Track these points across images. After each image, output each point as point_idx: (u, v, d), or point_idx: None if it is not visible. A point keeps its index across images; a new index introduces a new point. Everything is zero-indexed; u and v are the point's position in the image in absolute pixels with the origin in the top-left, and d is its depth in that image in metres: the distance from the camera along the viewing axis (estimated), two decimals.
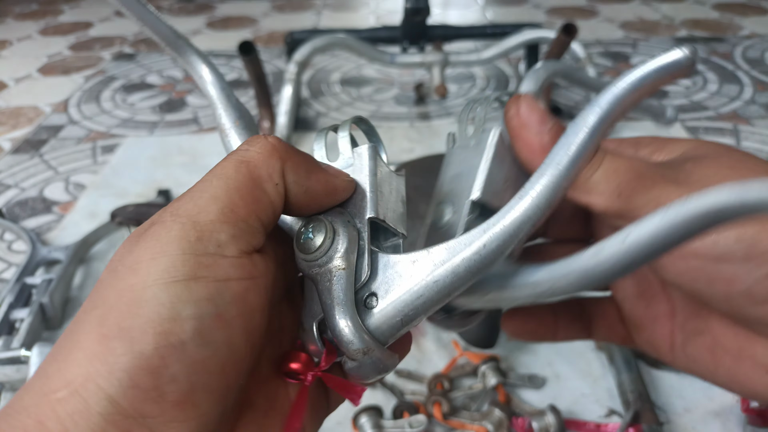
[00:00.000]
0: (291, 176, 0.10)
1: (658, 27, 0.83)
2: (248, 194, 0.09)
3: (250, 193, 0.09)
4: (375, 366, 0.10)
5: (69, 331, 0.09)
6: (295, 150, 0.11)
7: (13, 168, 0.53)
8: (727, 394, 0.29)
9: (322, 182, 0.11)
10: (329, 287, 0.10)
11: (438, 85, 0.54)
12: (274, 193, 0.10)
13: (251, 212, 0.09)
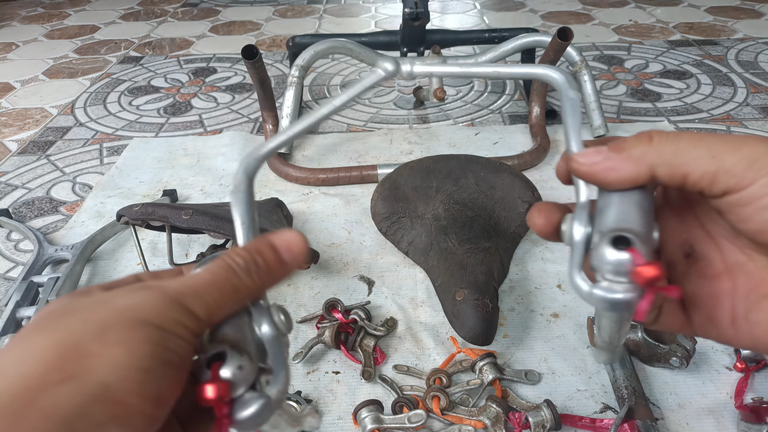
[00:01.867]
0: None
1: (653, 30, 0.84)
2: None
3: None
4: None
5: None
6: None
7: (20, 169, 0.54)
8: (720, 391, 0.29)
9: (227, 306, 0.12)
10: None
11: (436, 88, 0.55)
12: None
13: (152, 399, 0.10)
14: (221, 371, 0.11)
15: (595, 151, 0.13)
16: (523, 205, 0.39)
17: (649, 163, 0.12)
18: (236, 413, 0.11)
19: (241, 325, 0.13)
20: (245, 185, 0.14)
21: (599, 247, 0.12)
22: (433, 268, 0.36)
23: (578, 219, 0.13)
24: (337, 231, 0.43)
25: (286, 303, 0.36)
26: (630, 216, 0.12)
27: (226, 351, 0.12)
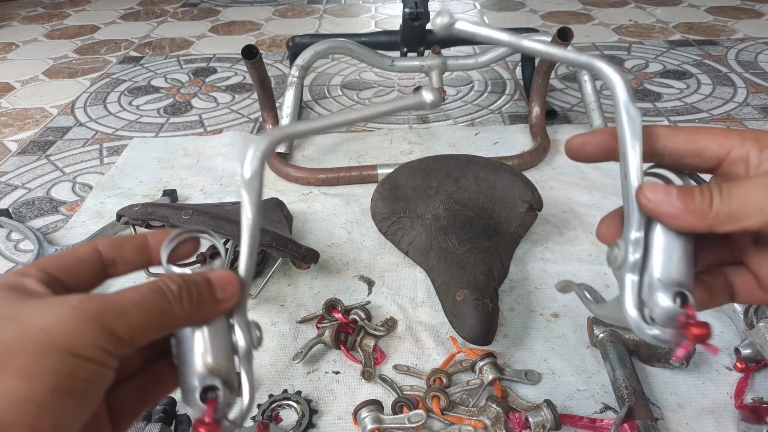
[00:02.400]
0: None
1: (653, 30, 0.84)
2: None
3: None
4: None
5: None
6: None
7: (20, 169, 0.54)
8: (720, 391, 0.29)
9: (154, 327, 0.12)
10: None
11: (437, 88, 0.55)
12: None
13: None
14: (216, 410, 0.12)
15: (665, 192, 0.14)
16: (523, 205, 0.39)
17: (709, 223, 0.14)
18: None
19: (230, 355, 0.13)
20: (259, 181, 0.13)
21: (659, 295, 0.13)
22: (433, 268, 0.36)
23: (633, 265, 0.14)
24: (337, 231, 0.43)
25: (287, 303, 0.36)
26: (684, 268, 0.14)
27: (219, 388, 0.12)
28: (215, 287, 0.13)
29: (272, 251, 0.33)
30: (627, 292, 0.14)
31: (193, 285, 0.13)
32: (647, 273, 0.14)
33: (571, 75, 0.70)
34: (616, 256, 0.14)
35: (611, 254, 0.15)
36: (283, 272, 0.39)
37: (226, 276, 0.13)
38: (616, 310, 0.14)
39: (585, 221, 0.43)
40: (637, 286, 0.14)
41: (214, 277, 0.13)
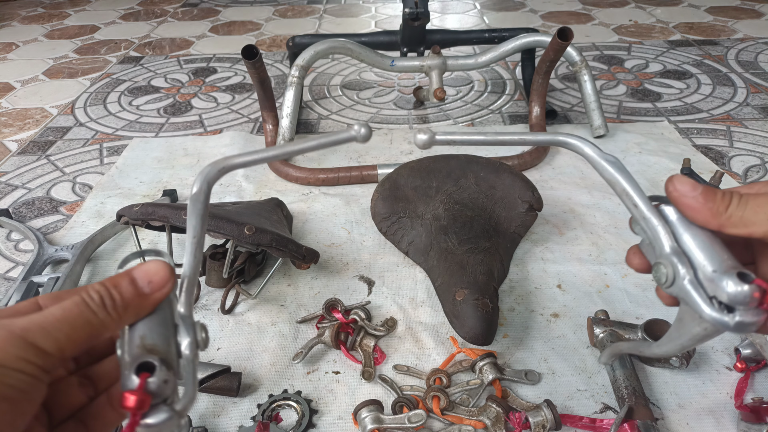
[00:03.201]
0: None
1: (653, 30, 0.84)
2: None
3: None
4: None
5: None
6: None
7: (20, 169, 0.54)
8: (720, 391, 0.29)
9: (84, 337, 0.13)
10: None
11: (436, 88, 0.55)
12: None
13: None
14: (149, 383, 0.12)
15: (691, 186, 0.16)
16: (523, 205, 0.39)
17: (720, 223, 0.16)
18: (144, 418, 0.12)
19: (169, 339, 0.13)
20: (203, 195, 0.15)
21: (724, 283, 0.14)
22: (433, 268, 0.36)
23: (686, 273, 0.15)
24: (337, 231, 0.43)
25: (287, 303, 0.36)
26: (728, 254, 0.15)
27: (156, 364, 0.12)
28: (140, 284, 0.14)
29: (272, 251, 0.33)
30: (696, 298, 0.14)
31: (114, 289, 0.13)
32: (700, 273, 0.15)
33: (571, 75, 0.70)
34: (665, 275, 0.16)
35: (658, 276, 0.16)
36: (283, 272, 0.39)
37: (151, 268, 0.14)
38: (684, 328, 0.15)
39: (585, 221, 0.43)
40: (701, 289, 0.14)
41: (138, 272, 0.14)
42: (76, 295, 0.13)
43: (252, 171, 0.51)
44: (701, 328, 0.15)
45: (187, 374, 0.13)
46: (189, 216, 0.15)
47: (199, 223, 0.15)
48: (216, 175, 0.15)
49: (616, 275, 0.37)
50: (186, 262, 0.15)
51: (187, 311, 0.14)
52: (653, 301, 0.35)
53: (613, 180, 0.16)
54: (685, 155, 0.52)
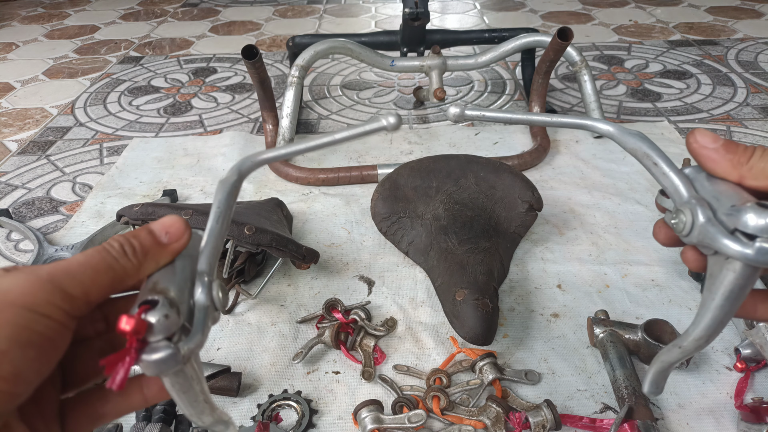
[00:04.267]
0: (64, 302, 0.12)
1: (653, 30, 0.84)
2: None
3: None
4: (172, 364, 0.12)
5: None
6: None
7: (20, 169, 0.54)
8: (720, 391, 0.29)
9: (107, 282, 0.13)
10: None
11: (436, 88, 0.55)
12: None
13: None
14: (148, 314, 0.12)
15: (712, 138, 0.16)
16: (523, 205, 0.39)
17: (740, 174, 0.15)
18: (144, 354, 0.12)
19: (183, 287, 0.14)
20: (234, 179, 0.15)
21: (745, 216, 0.13)
22: (433, 268, 0.36)
23: (701, 206, 0.15)
24: (337, 231, 0.43)
25: (287, 303, 0.36)
26: (743, 192, 0.15)
27: (159, 300, 0.13)
28: (157, 234, 0.14)
29: (272, 251, 0.33)
30: (716, 234, 0.14)
31: (133, 238, 0.14)
32: (719, 212, 0.14)
33: (571, 75, 0.70)
34: (684, 222, 0.15)
35: (678, 224, 0.15)
36: (283, 272, 0.39)
37: (167, 221, 0.14)
38: (716, 282, 0.14)
39: (585, 221, 0.43)
40: (720, 225, 0.14)
41: (155, 225, 0.14)
42: (98, 246, 0.14)
43: None
44: (731, 270, 0.13)
45: (197, 321, 0.13)
46: (216, 194, 0.15)
47: (225, 202, 0.15)
48: (250, 168, 0.15)
49: (616, 275, 0.37)
50: (208, 226, 0.15)
51: (207, 269, 0.14)
52: (653, 301, 0.35)
53: (635, 147, 0.16)
54: (685, 155, 0.52)
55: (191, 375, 0.13)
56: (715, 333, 0.15)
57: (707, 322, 0.15)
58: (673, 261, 0.38)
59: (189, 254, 0.14)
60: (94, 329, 0.15)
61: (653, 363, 0.17)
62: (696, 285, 0.36)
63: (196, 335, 0.13)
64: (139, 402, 0.15)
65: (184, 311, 0.13)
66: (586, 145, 0.54)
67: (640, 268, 0.38)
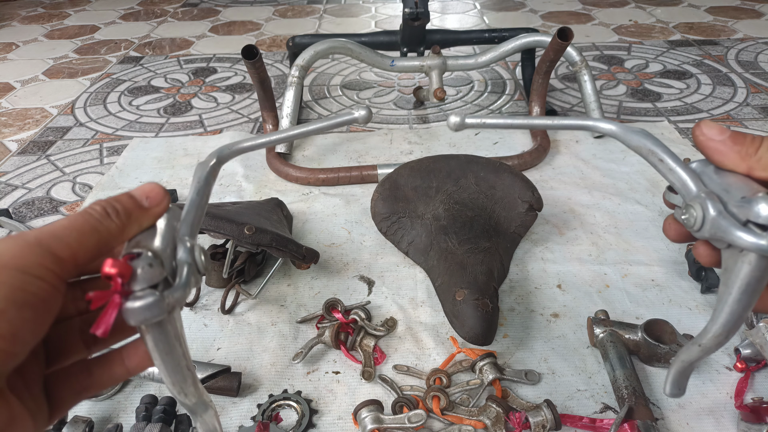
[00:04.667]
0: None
1: (653, 30, 0.84)
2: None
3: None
4: (156, 310, 0.12)
5: None
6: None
7: (20, 169, 0.54)
8: (720, 391, 0.29)
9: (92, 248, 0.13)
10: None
11: (436, 88, 0.55)
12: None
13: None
14: (132, 262, 0.13)
15: (719, 130, 0.15)
16: (523, 205, 0.39)
17: (749, 165, 0.15)
18: (129, 301, 0.12)
19: (165, 247, 0.14)
20: (213, 162, 0.16)
21: (757, 206, 0.13)
22: (433, 268, 0.36)
23: (711, 200, 0.14)
24: (337, 231, 0.43)
25: (287, 303, 0.36)
26: (753, 183, 0.14)
27: (143, 252, 0.13)
28: (138, 198, 0.15)
29: (272, 251, 0.33)
30: (729, 227, 0.13)
31: (115, 202, 0.14)
32: (730, 205, 0.14)
33: (571, 75, 0.70)
34: (694, 216, 0.15)
35: (689, 219, 0.15)
36: (283, 272, 0.39)
37: (146, 187, 0.15)
38: (732, 276, 0.13)
39: (585, 221, 0.43)
40: (732, 218, 0.14)
41: (135, 191, 0.15)
42: (81, 210, 0.14)
43: (252, 171, 0.51)
44: (746, 262, 0.13)
45: (180, 276, 0.13)
46: (195, 172, 0.16)
47: (204, 179, 0.16)
48: (228, 155, 0.16)
49: (616, 275, 0.37)
50: (188, 198, 0.15)
51: (189, 233, 0.15)
52: (653, 301, 0.35)
53: (640, 145, 0.16)
54: (685, 155, 0.52)
55: (173, 333, 0.13)
56: (735, 328, 0.14)
57: (725, 317, 0.14)
58: (673, 261, 0.38)
59: (170, 223, 0.15)
60: (75, 308, 0.15)
61: (673, 363, 0.16)
62: (696, 285, 0.36)
63: (179, 288, 0.13)
64: (121, 373, 0.15)
65: (167, 266, 0.13)
66: (586, 145, 0.54)
67: (640, 268, 0.38)
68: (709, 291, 0.35)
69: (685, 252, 0.38)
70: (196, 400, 0.15)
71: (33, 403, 0.13)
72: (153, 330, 0.13)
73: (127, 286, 0.12)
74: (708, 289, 0.35)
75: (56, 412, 0.14)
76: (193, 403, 0.15)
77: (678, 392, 0.16)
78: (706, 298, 0.35)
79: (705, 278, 0.35)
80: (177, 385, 0.14)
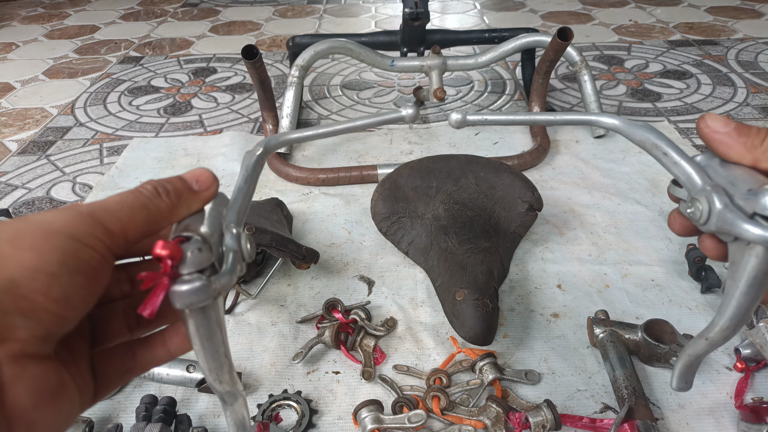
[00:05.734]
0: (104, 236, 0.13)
1: (653, 30, 0.84)
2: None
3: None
4: (202, 294, 0.13)
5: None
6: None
7: (20, 169, 0.54)
8: (720, 391, 0.29)
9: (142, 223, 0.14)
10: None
11: (436, 88, 0.55)
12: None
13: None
14: (182, 245, 0.13)
15: (723, 122, 0.15)
16: (523, 205, 0.39)
17: (755, 157, 0.15)
18: (176, 285, 0.13)
19: (213, 233, 0.14)
20: (260, 152, 0.16)
21: (764, 197, 0.13)
22: (433, 268, 0.36)
23: (717, 193, 0.14)
24: (337, 231, 0.43)
25: (287, 303, 0.36)
26: (758, 174, 0.14)
27: (193, 236, 0.13)
28: (188, 181, 0.15)
29: (272, 251, 0.33)
30: (736, 220, 0.13)
31: (166, 182, 0.15)
32: (736, 198, 0.14)
33: (571, 75, 0.70)
34: (701, 210, 0.14)
35: (695, 213, 0.15)
36: (283, 272, 0.39)
37: (197, 171, 0.15)
38: (739, 269, 0.13)
39: (585, 221, 0.43)
40: (738, 211, 0.13)
41: (185, 174, 0.15)
42: (132, 189, 0.14)
43: None
44: (753, 255, 0.13)
45: (227, 263, 0.14)
46: (243, 161, 0.17)
47: (252, 168, 0.16)
48: (276, 146, 0.16)
49: (616, 275, 0.37)
50: (236, 185, 0.16)
51: (236, 220, 0.15)
52: (653, 301, 0.35)
53: (643, 139, 0.16)
54: None
55: (215, 319, 0.13)
56: (743, 321, 0.14)
57: (733, 310, 0.14)
58: (673, 261, 0.38)
59: (218, 210, 0.15)
60: (120, 290, 0.15)
61: (680, 357, 0.16)
62: (696, 285, 0.36)
63: (226, 274, 0.13)
64: (163, 354, 0.15)
65: (215, 252, 0.13)
66: (586, 145, 0.53)
67: (640, 268, 0.38)
68: (709, 291, 0.35)
69: (685, 252, 0.38)
70: (230, 389, 0.15)
71: (80, 378, 0.13)
72: (196, 315, 0.13)
73: (175, 269, 0.12)
74: (708, 289, 0.35)
75: (101, 391, 0.14)
76: (226, 391, 0.15)
77: (685, 386, 0.16)
78: (706, 298, 0.35)
79: (705, 278, 0.35)
80: (213, 372, 0.14)
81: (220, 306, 0.14)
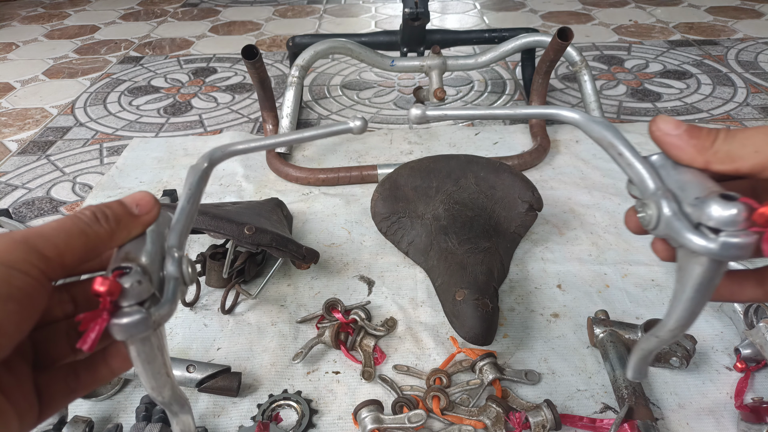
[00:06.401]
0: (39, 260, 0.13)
1: (653, 30, 0.84)
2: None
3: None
4: (142, 326, 0.13)
5: None
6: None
7: (20, 169, 0.54)
8: (720, 391, 0.29)
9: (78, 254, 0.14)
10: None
11: (436, 88, 0.55)
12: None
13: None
14: (121, 279, 0.13)
15: (675, 125, 0.15)
16: (523, 205, 0.39)
17: (706, 159, 0.15)
18: (116, 318, 0.13)
19: (154, 260, 0.14)
20: (204, 166, 0.16)
21: (709, 208, 0.13)
22: (433, 268, 0.36)
23: (667, 199, 0.14)
24: (337, 231, 0.43)
25: (287, 303, 0.36)
26: (710, 182, 0.14)
27: (132, 267, 0.13)
28: (128, 205, 0.15)
29: (272, 251, 0.33)
30: (680, 228, 0.13)
31: (105, 207, 0.15)
32: (684, 204, 0.14)
33: (571, 75, 0.70)
34: (650, 216, 0.14)
35: (645, 218, 0.15)
36: (283, 272, 0.39)
37: (137, 195, 0.15)
38: (685, 276, 0.13)
39: (585, 221, 0.43)
40: (684, 219, 0.13)
41: (125, 198, 0.15)
42: (71, 214, 0.14)
43: (252, 171, 0.51)
44: (698, 264, 0.13)
45: (167, 291, 0.14)
46: (187, 177, 0.16)
47: (196, 186, 0.16)
48: (220, 157, 0.16)
49: (616, 275, 0.37)
50: (179, 205, 0.16)
51: (177, 244, 0.15)
52: (653, 301, 0.35)
53: (600, 137, 0.16)
54: None
55: (156, 344, 0.13)
56: (689, 323, 0.15)
57: (680, 313, 0.15)
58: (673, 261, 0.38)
59: (159, 231, 0.15)
60: (62, 311, 0.15)
61: (634, 351, 0.17)
62: None
63: (166, 304, 0.13)
64: (106, 374, 0.15)
65: (155, 281, 0.14)
66: (586, 145, 0.54)
67: (640, 268, 0.38)
68: None
69: None
70: (171, 402, 0.15)
71: (24, 401, 0.13)
72: (137, 343, 0.13)
73: (114, 304, 0.12)
74: None
75: (46, 412, 0.14)
76: (168, 403, 0.15)
77: (640, 376, 0.17)
78: None
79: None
80: (155, 390, 0.14)
81: (162, 332, 0.14)
